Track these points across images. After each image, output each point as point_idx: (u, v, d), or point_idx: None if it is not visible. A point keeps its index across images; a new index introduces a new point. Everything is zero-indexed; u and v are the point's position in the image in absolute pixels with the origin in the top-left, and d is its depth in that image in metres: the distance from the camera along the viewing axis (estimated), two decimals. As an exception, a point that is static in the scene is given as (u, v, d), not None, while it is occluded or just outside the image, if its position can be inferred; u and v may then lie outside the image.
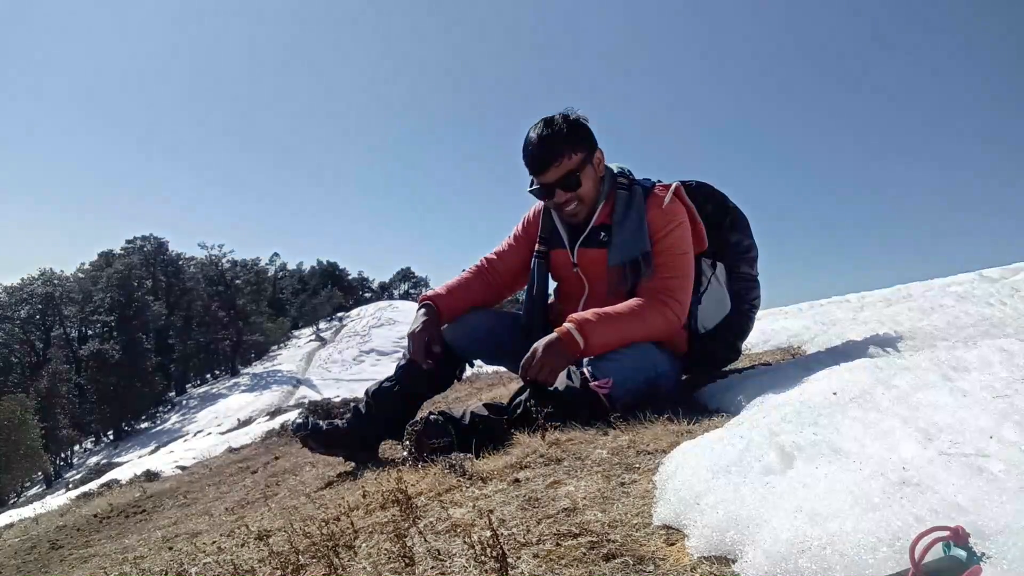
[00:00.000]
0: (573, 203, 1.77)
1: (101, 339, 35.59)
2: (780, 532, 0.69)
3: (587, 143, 1.75)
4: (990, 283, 2.45)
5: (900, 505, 0.65)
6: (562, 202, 1.77)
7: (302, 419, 1.88)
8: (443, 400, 3.38)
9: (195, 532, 1.71)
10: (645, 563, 0.76)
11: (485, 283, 1.99)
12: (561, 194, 1.75)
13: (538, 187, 1.77)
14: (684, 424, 1.35)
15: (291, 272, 61.59)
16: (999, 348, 1.13)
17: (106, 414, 31.96)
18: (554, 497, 1.02)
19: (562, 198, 1.76)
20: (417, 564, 0.88)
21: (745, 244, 1.97)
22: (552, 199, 1.78)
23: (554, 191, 1.75)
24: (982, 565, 0.53)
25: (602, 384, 1.53)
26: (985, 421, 0.80)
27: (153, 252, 43.75)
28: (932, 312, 2.06)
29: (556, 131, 1.70)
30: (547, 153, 1.70)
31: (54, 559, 1.97)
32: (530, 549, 0.84)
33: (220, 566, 1.18)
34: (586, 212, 1.80)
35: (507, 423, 1.55)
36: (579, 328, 1.60)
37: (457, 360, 1.91)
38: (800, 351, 2.32)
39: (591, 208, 1.80)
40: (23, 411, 21.86)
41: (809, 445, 0.87)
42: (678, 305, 1.72)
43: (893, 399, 0.98)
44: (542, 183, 1.75)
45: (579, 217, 1.81)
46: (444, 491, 1.19)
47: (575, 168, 1.72)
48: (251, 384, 32.91)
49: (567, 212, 1.79)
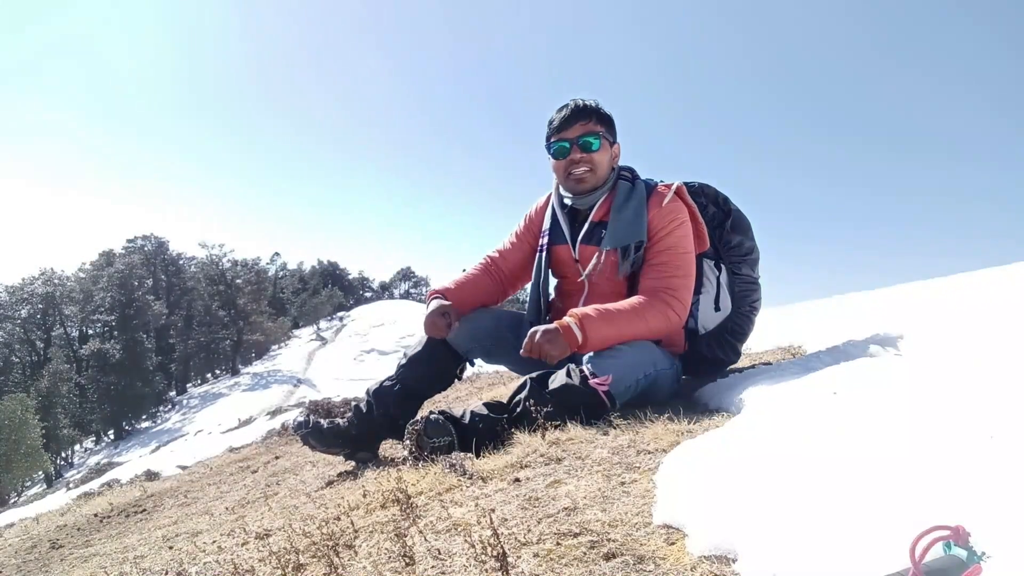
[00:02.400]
0: (585, 166, 1.81)
1: (102, 339, 35.61)
2: (780, 532, 0.69)
3: (611, 128, 1.85)
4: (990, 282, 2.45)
5: (900, 506, 0.65)
6: (577, 159, 1.81)
7: (303, 418, 1.88)
8: (443, 399, 3.38)
9: (195, 531, 1.71)
10: (645, 562, 0.76)
11: (491, 280, 2.01)
12: (577, 151, 1.81)
13: (556, 141, 1.82)
14: (684, 424, 1.35)
15: (291, 272, 61.59)
16: (998, 347, 1.13)
17: (107, 414, 31.97)
18: (554, 496, 1.02)
19: (577, 155, 1.81)
20: (417, 563, 0.88)
21: (747, 246, 1.97)
22: (568, 156, 1.82)
23: (572, 147, 1.80)
24: (982, 564, 0.53)
25: (602, 381, 1.53)
26: (985, 421, 0.80)
27: (154, 252, 43.78)
28: (933, 311, 2.06)
29: (588, 103, 1.83)
30: (576, 113, 1.80)
31: (55, 558, 1.97)
32: (530, 548, 0.84)
33: (220, 565, 1.18)
34: (593, 182, 1.83)
35: (507, 422, 1.55)
36: (579, 323, 1.60)
37: (458, 359, 1.91)
38: (800, 350, 2.32)
39: (597, 183, 1.84)
40: (24, 410, 21.85)
41: (809, 445, 0.87)
42: (679, 304, 1.72)
43: (893, 399, 0.98)
44: (563, 138, 1.81)
45: (585, 184, 1.83)
46: (444, 490, 1.19)
47: (596, 133, 1.80)
48: (252, 384, 32.91)
49: (576, 175, 1.82)
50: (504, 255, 2.04)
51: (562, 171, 1.85)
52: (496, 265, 2.03)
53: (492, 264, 2.03)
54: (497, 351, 1.96)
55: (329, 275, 65.40)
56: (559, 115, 1.83)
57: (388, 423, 1.81)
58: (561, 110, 1.83)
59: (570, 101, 1.84)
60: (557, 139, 1.82)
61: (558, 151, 1.83)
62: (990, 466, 0.68)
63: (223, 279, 42.50)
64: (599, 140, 1.80)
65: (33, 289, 35.72)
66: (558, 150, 1.83)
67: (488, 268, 2.03)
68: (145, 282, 40.73)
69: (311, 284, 60.04)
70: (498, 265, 2.03)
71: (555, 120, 1.83)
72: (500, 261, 2.03)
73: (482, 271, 2.02)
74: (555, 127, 1.83)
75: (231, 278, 43.38)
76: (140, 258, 41.58)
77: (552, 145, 1.84)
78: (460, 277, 2.01)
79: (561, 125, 1.81)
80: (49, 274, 37.18)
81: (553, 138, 1.84)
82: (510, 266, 2.03)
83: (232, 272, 44.25)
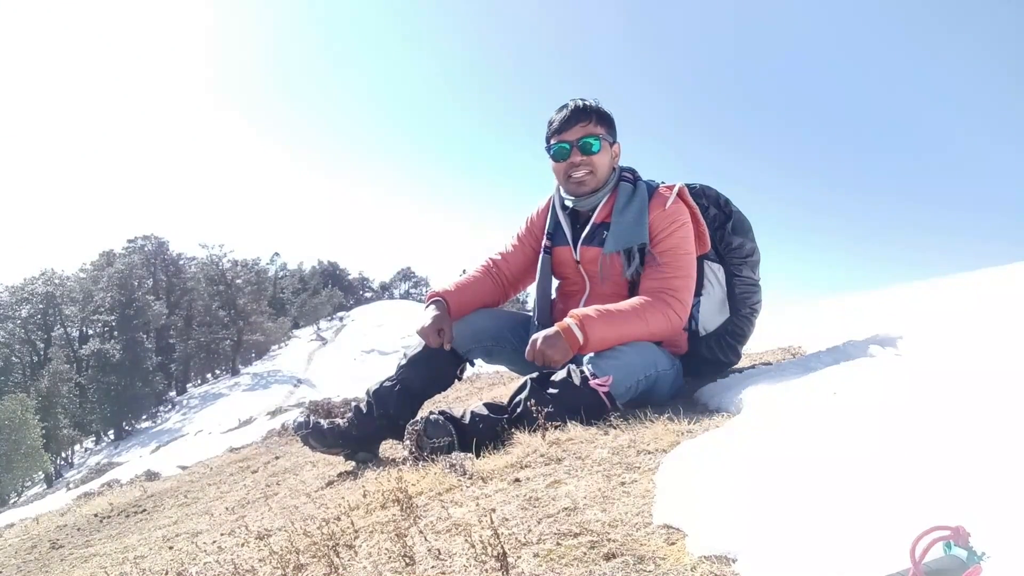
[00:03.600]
0: (585, 169, 1.80)
1: (102, 339, 35.56)
2: (780, 532, 0.69)
3: (611, 128, 1.84)
4: (990, 282, 2.45)
5: (900, 506, 0.65)
6: (576, 163, 1.80)
7: (303, 418, 1.88)
8: (443, 400, 3.38)
9: (196, 531, 1.72)
10: (645, 563, 0.76)
11: (493, 282, 2.02)
12: (577, 154, 1.80)
13: (556, 143, 1.81)
14: (684, 424, 1.35)
15: (291, 272, 61.53)
16: (997, 347, 1.13)
17: (107, 414, 31.94)
18: (554, 496, 1.02)
19: (577, 158, 1.80)
20: (418, 563, 0.88)
21: (748, 248, 1.97)
22: (567, 159, 1.81)
23: (572, 150, 1.79)
24: (982, 564, 0.53)
25: (602, 382, 1.53)
26: (984, 420, 0.80)
27: (154, 252, 43.72)
28: (933, 310, 2.06)
29: (588, 103, 1.81)
30: (575, 114, 1.79)
31: (55, 558, 1.97)
32: (530, 548, 0.84)
33: (220, 565, 1.18)
34: (593, 184, 1.83)
35: (507, 422, 1.55)
36: (580, 324, 1.60)
37: (458, 359, 1.91)
38: (800, 350, 2.32)
39: (597, 185, 1.83)
40: (24, 411, 21.85)
41: (809, 446, 0.87)
42: (680, 305, 1.72)
43: (893, 399, 0.98)
44: (563, 140, 1.80)
45: (585, 187, 1.83)
46: (444, 491, 1.19)
47: (596, 135, 1.78)
48: (252, 384, 32.88)
49: (576, 178, 1.82)
50: (506, 258, 2.04)
51: (562, 173, 1.85)
52: (498, 268, 2.03)
53: (494, 266, 2.03)
54: (497, 351, 1.96)
55: (329, 275, 65.35)
56: (559, 116, 1.82)
57: (388, 423, 1.81)
58: (561, 110, 1.82)
59: (570, 101, 1.83)
60: (557, 141, 1.81)
61: (558, 153, 1.82)
62: (990, 466, 0.68)
63: (223, 279, 42.46)
64: (599, 142, 1.79)
65: (33, 289, 35.68)
66: (558, 152, 1.82)
67: (489, 270, 2.03)
68: (145, 282, 40.69)
69: (311, 284, 60.00)
70: (500, 268, 2.03)
71: (555, 121, 1.82)
72: (502, 264, 2.03)
73: (483, 273, 2.02)
74: (555, 128, 1.82)
75: (231, 278, 43.34)
76: (140, 258, 41.52)
77: (552, 147, 1.83)
78: (461, 279, 2.01)
79: (561, 126, 1.80)
80: (49, 274, 37.14)
81: (553, 139, 1.83)
82: (512, 269, 2.03)
83: (232, 272, 44.20)
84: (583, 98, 1.83)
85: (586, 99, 1.83)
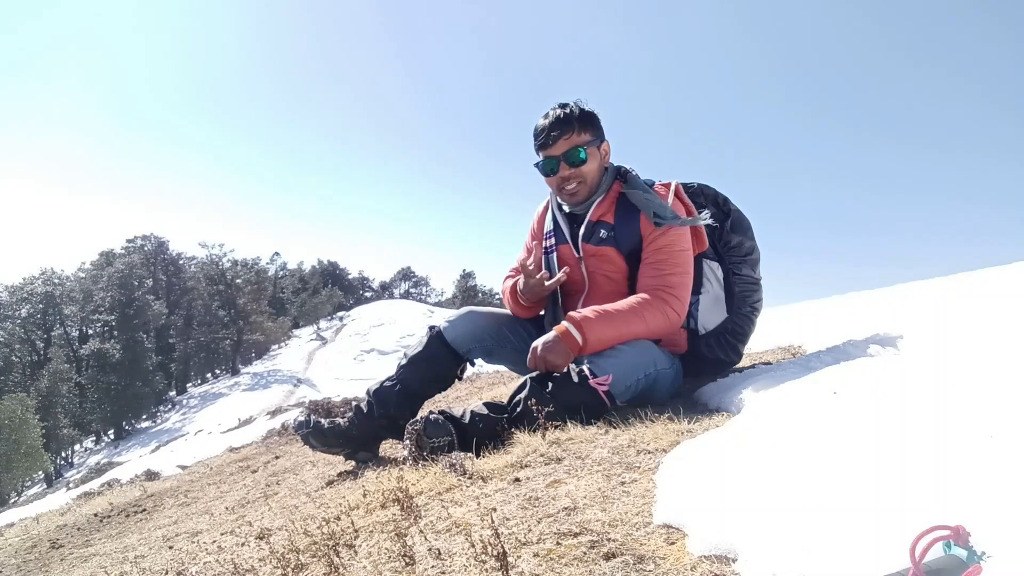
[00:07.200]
0: (575, 181, 1.79)
1: (102, 338, 35.57)
2: (780, 532, 0.69)
3: (596, 128, 1.81)
4: (990, 282, 2.45)
5: (900, 506, 0.65)
6: (566, 176, 1.79)
7: (303, 418, 1.88)
8: (443, 399, 3.38)
9: (196, 531, 1.72)
10: (645, 562, 0.76)
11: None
12: (565, 168, 1.78)
13: (544, 159, 1.80)
14: (684, 423, 1.35)
15: (291, 271, 61.59)
16: (997, 347, 1.13)
17: (107, 413, 31.96)
18: (554, 496, 1.02)
19: (566, 172, 1.79)
20: (418, 563, 0.88)
21: (747, 246, 1.97)
22: (556, 174, 1.80)
23: (559, 164, 1.78)
24: (982, 564, 0.53)
25: (602, 381, 1.53)
26: (985, 420, 0.80)
27: (154, 251, 43.77)
28: (932, 311, 2.06)
29: (569, 111, 1.78)
30: (557, 127, 1.76)
31: (55, 558, 1.97)
32: (530, 548, 0.84)
33: (220, 565, 1.18)
34: (586, 193, 1.82)
35: (507, 422, 1.55)
36: (578, 326, 1.61)
37: (458, 359, 1.91)
38: (800, 350, 2.31)
39: (590, 191, 1.83)
40: (24, 410, 21.86)
41: (809, 445, 0.87)
42: (678, 302, 1.72)
43: (893, 399, 0.98)
44: (548, 155, 1.78)
45: (578, 197, 1.83)
46: (445, 490, 1.19)
47: (581, 145, 1.76)
48: (252, 383, 32.91)
49: (568, 190, 1.82)
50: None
51: (555, 186, 1.86)
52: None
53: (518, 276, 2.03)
54: (497, 351, 1.96)
55: (329, 275, 65.39)
56: (542, 127, 1.79)
57: (388, 423, 1.82)
58: (545, 117, 1.80)
59: (551, 111, 1.80)
60: (544, 156, 1.80)
61: (546, 168, 1.82)
62: (990, 466, 0.68)
63: (223, 279, 42.49)
64: (585, 151, 1.77)
65: (33, 289, 35.69)
66: (546, 167, 1.81)
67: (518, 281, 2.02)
68: (145, 282, 40.71)
69: (311, 284, 60.03)
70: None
71: (539, 133, 1.80)
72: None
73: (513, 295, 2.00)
74: (540, 143, 1.80)
75: (231, 278, 43.37)
76: (140, 258, 41.56)
77: (540, 164, 1.82)
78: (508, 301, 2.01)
79: (545, 141, 1.78)
80: (49, 274, 37.17)
81: (540, 154, 1.82)
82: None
83: (232, 272, 44.23)
84: (564, 103, 1.80)
85: (567, 104, 1.79)
